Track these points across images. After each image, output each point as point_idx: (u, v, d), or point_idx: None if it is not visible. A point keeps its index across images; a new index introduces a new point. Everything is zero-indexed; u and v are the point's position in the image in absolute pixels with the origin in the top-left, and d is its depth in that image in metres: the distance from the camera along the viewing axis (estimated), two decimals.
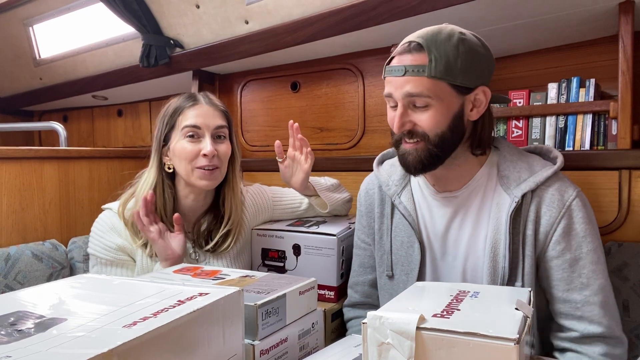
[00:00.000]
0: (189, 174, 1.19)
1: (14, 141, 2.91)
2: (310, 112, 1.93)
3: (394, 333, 0.51)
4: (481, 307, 0.60)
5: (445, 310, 0.57)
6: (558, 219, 0.98)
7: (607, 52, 1.46)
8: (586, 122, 1.40)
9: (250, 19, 1.75)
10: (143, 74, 2.16)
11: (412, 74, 0.96)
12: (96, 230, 1.23)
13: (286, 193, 1.46)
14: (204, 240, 1.26)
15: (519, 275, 1.00)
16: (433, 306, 0.59)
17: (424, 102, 0.97)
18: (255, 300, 0.74)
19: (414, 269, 1.10)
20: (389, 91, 1.01)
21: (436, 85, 0.96)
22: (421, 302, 0.64)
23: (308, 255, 1.29)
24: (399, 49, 1.01)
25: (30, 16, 2.42)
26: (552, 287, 1.00)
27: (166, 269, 0.97)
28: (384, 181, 1.18)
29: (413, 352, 0.50)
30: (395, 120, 1.00)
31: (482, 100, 1.02)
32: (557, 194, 0.99)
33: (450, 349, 0.50)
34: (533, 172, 1.02)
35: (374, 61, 1.78)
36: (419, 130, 0.99)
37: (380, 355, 0.52)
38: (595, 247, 0.98)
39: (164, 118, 1.23)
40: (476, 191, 1.06)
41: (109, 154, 1.89)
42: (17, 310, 0.58)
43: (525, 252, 1.00)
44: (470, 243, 1.06)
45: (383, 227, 1.18)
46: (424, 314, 0.54)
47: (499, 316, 0.56)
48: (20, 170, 1.58)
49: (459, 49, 0.96)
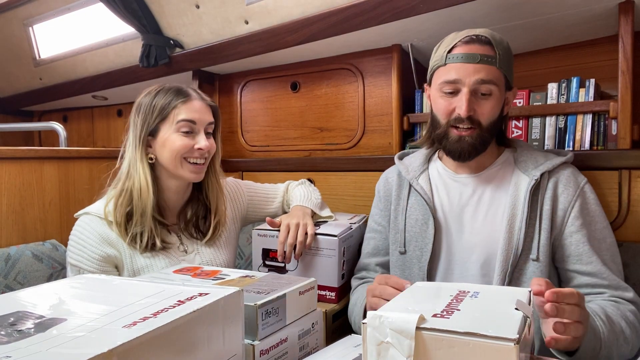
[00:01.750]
0: (177, 166, 1.20)
1: (14, 141, 2.91)
2: (310, 112, 1.94)
3: (394, 332, 0.51)
4: (481, 307, 0.60)
5: (445, 310, 0.57)
6: (575, 197, 1.07)
7: (607, 52, 1.46)
8: (586, 122, 1.40)
9: (250, 19, 1.75)
10: (143, 74, 2.16)
11: (485, 62, 1.05)
12: (78, 239, 1.19)
13: (259, 186, 1.50)
14: (193, 228, 1.29)
15: (534, 249, 1.05)
16: (433, 306, 0.59)
17: (489, 90, 1.07)
18: (255, 300, 0.74)
19: (428, 243, 1.15)
20: (455, 77, 1.07)
21: (500, 76, 1.07)
22: (421, 302, 0.64)
23: (309, 256, 1.29)
24: (463, 38, 1.08)
25: (30, 16, 2.42)
26: (574, 262, 1.05)
27: (166, 269, 0.97)
28: (404, 168, 1.25)
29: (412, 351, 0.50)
30: (464, 104, 1.05)
31: (511, 99, 1.16)
32: (572, 176, 1.10)
33: (450, 349, 0.49)
34: (549, 158, 1.12)
35: (374, 61, 1.78)
36: (476, 118, 1.07)
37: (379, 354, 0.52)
38: (607, 225, 1.09)
39: (151, 109, 1.20)
40: (494, 174, 1.15)
41: (109, 154, 1.89)
42: (17, 311, 0.58)
43: (542, 226, 1.06)
44: (486, 218, 1.12)
45: (399, 207, 1.24)
46: (424, 314, 0.54)
47: (499, 316, 0.56)
48: (20, 170, 1.58)
49: (509, 50, 1.10)
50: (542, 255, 1.05)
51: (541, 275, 1.05)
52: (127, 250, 1.19)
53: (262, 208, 1.48)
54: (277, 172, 1.92)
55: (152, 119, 1.21)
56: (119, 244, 1.19)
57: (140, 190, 1.19)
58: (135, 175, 1.20)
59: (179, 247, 1.26)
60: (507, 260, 1.06)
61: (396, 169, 1.29)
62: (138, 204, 1.18)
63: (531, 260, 1.05)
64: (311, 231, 1.27)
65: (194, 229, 1.30)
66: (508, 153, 1.18)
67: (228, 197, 1.40)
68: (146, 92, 1.25)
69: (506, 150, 1.19)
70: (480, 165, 1.16)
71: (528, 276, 1.05)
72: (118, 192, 1.21)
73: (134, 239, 1.18)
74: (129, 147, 1.24)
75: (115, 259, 1.19)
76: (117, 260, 1.20)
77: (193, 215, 1.30)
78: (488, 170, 1.16)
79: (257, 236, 1.34)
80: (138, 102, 1.24)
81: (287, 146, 1.99)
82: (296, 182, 1.54)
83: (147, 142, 1.22)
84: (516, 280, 1.07)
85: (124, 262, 1.19)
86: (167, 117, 1.20)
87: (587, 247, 1.04)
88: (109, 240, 1.18)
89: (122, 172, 1.24)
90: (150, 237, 1.19)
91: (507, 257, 1.06)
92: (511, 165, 1.15)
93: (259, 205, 1.48)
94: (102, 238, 1.18)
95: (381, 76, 1.76)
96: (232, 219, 1.40)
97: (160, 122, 1.20)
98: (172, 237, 1.26)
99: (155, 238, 1.20)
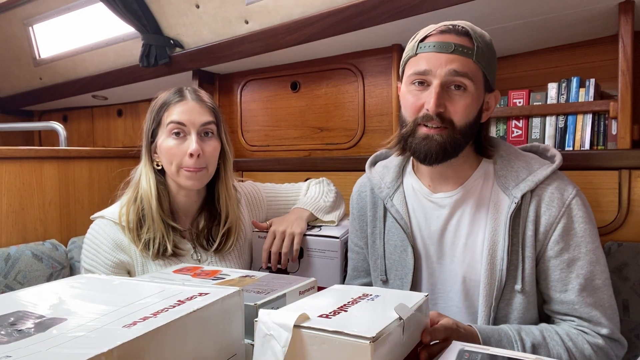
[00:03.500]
0: (174, 174, 1.17)
1: (14, 141, 2.91)
2: (310, 112, 1.93)
3: (276, 325, 0.58)
4: (369, 309, 0.64)
5: (335, 311, 0.62)
6: (558, 217, 0.95)
7: (607, 52, 1.46)
8: (586, 122, 1.40)
9: (250, 19, 1.75)
10: (143, 74, 2.16)
11: (460, 53, 0.93)
12: (92, 244, 1.18)
13: (280, 189, 1.45)
14: (204, 240, 1.25)
15: (518, 278, 0.96)
16: (326, 307, 0.63)
17: (464, 84, 0.94)
18: (255, 300, 0.74)
19: (408, 273, 1.07)
20: (425, 67, 0.94)
21: (478, 71, 0.95)
22: (320, 302, 0.67)
23: (311, 258, 1.28)
24: (439, 28, 0.96)
25: (30, 16, 2.42)
26: (549, 288, 0.97)
27: (166, 268, 0.97)
28: (376, 183, 1.14)
29: (288, 341, 0.56)
30: (432, 98, 0.93)
31: (492, 105, 1.03)
32: (557, 192, 0.96)
33: (321, 345, 0.55)
34: (531, 171, 0.99)
35: (374, 61, 1.78)
36: (447, 116, 0.95)
37: (262, 345, 0.59)
38: (595, 248, 0.95)
39: (151, 113, 1.20)
40: (472, 191, 1.03)
41: (108, 154, 1.89)
42: (17, 310, 0.58)
43: (525, 254, 0.96)
44: (467, 245, 1.02)
45: (376, 230, 1.14)
46: (312, 314, 0.59)
47: (375, 318, 0.60)
48: (20, 170, 1.58)
49: (491, 47, 0.98)
50: (527, 285, 0.96)
51: (528, 306, 0.97)
52: (139, 257, 1.17)
53: (283, 212, 1.40)
54: (277, 172, 1.91)
55: (151, 124, 1.19)
56: (131, 250, 1.17)
57: (147, 197, 1.17)
58: (143, 181, 1.19)
59: (193, 255, 1.23)
60: (490, 294, 0.98)
61: (369, 183, 1.18)
62: (148, 210, 1.17)
63: (517, 291, 0.97)
64: (297, 242, 1.24)
65: (205, 239, 1.25)
66: (487, 163, 1.04)
67: (246, 202, 1.36)
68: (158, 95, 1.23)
69: (484, 159, 1.05)
70: (458, 179, 1.04)
71: (514, 307, 0.97)
72: (130, 197, 1.20)
73: (146, 245, 1.16)
74: (142, 153, 1.23)
75: (127, 264, 1.18)
76: (129, 266, 1.19)
77: (205, 224, 1.25)
78: (466, 187, 1.03)
79: (257, 238, 1.34)
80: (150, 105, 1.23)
81: (287, 146, 1.99)
82: (316, 180, 1.48)
83: (152, 148, 1.20)
84: (502, 312, 0.98)
85: (136, 268, 1.18)
86: (160, 121, 1.17)
87: (564, 274, 0.95)
88: (121, 246, 1.17)
89: (135, 177, 1.23)
90: (162, 242, 1.16)
91: (490, 291, 0.98)
92: (490, 180, 1.02)
93: (280, 209, 1.42)
94: (116, 244, 1.17)
95: (381, 76, 1.76)
96: (251, 225, 1.35)
97: (156, 126, 1.18)
98: (186, 244, 1.23)
99: (167, 243, 1.17)
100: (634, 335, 1.19)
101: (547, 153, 1.06)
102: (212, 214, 1.26)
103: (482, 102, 1.00)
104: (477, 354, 0.63)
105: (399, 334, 0.60)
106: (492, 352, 0.64)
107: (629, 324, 1.19)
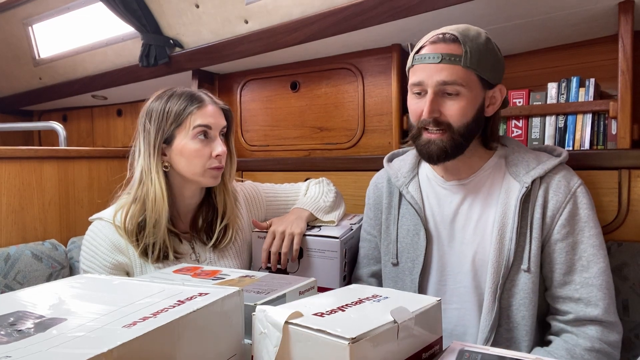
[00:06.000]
0: (198, 174, 1.18)
1: (13, 141, 2.91)
2: (310, 112, 1.93)
3: (270, 324, 0.59)
4: (368, 311, 0.64)
5: (332, 310, 0.62)
6: (564, 203, 1.03)
7: (607, 51, 1.46)
8: (586, 121, 1.40)
9: (249, 19, 1.75)
10: (143, 74, 2.16)
11: (448, 62, 1.00)
12: (90, 245, 1.18)
13: (280, 189, 1.46)
14: (205, 234, 1.26)
15: (525, 258, 1.03)
16: (326, 306, 0.64)
17: (456, 91, 1.01)
18: (255, 300, 0.74)
19: (420, 255, 1.13)
20: (419, 79, 1.04)
21: (468, 75, 1.02)
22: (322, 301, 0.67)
23: (311, 258, 1.28)
24: (430, 38, 1.05)
25: (29, 16, 2.42)
26: (554, 271, 1.03)
27: (166, 268, 0.97)
28: (393, 174, 1.22)
29: (279, 341, 0.57)
30: (426, 105, 1.02)
31: (498, 98, 1.09)
32: (564, 180, 1.05)
33: (307, 342, 0.56)
34: (541, 161, 1.07)
35: (374, 61, 1.78)
36: (444, 120, 1.03)
37: (259, 343, 0.61)
38: (597, 233, 1.03)
39: (165, 116, 1.17)
40: (484, 179, 1.11)
41: (108, 153, 1.89)
42: (17, 310, 0.58)
43: (532, 235, 1.03)
44: (477, 227, 1.09)
45: (390, 217, 1.21)
46: (308, 312, 0.60)
47: (367, 319, 0.60)
48: (19, 170, 1.58)
49: (487, 46, 1.04)
50: (532, 265, 1.02)
51: (533, 287, 1.03)
52: (138, 258, 1.17)
53: (283, 212, 1.41)
54: (277, 172, 1.91)
55: (167, 126, 1.17)
56: (129, 251, 1.17)
57: (155, 200, 1.15)
58: (149, 184, 1.16)
59: (191, 255, 1.23)
60: (497, 272, 1.04)
61: (385, 175, 1.26)
62: (151, 214, 1.15)
63: (522, 271, 1.03)
64: (297, 242, 1.25)
65: (204, 233, 1.26)
66: (499, 156, 1.12)
67: (245, 202, 1.37)
68: (155, 96, 1.21)
69: (496, 152, 1.13)
70: (469, 169, 1.12)
71: (520, 287, 1.03)
72: (130, 200, 1.18)
73: (145, 251, 1.16)
74: (142, 155, 1.18)
75: (126, 266, 1.18)
76: (127, 267, 1.18)
77: (204, 220, 1.27)
78: (478, 176, 1.11)
79: (257, 238, 1.34)
80: (148, 107, 1.20)
81: (287, 146, 1.99)
82: (316, 180, 1.49)
83: (162, 150, 1.18)
84: (508, 292, 1.04)
85: (134, 270, 1.18)
86: (182, 124, 1.17)
87: (568, 256, 1.02)
88: (119, 247, 1.17)
89: (135, 180, 1.19)
90: (163, 248, 1.17)
91: (497, 269, 1.04)
92: (502, 170, 1.10)
93: (279, 210, 1.42)
94: (114, 245, 1.17)
95: (381, 76, 1.76)
96: (250, 225, 1.35)
97: (175, 128, 1.17)
98: (185, 247, 1.23)
99: (167, 249, 1.17)
100: (633, 335, 1.19)
101: (554, 152, 1.13)
102: (210, 210, 1.28)
103: (481, 100, 1.06)
104: (477, 354, 0.63)
105: (392, 338, 0.59)
106: (493, 352, 0.64)
107: (628, 324, 1.19)
